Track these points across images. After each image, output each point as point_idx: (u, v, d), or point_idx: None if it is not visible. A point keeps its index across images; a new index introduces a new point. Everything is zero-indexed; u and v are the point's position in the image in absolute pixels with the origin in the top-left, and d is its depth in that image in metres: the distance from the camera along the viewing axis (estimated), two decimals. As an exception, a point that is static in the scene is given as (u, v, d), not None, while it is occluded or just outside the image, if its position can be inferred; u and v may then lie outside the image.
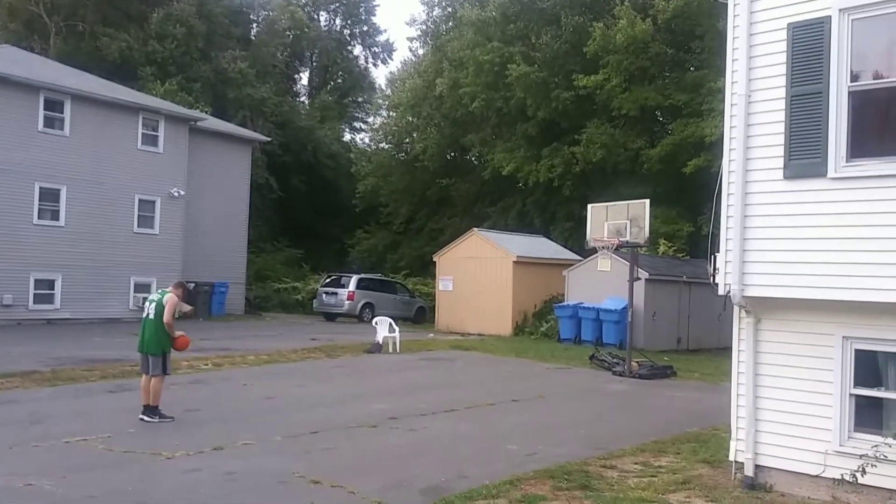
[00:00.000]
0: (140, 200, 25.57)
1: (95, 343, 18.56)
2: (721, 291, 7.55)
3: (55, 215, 23.62)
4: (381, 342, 18.82)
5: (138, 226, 25.56)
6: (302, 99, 54.93)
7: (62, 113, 23.67)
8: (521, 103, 33.40)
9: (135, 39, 39.16)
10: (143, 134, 25.70)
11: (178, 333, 10.26)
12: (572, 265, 24.56)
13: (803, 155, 7.01)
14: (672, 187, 30.49)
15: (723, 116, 7.82)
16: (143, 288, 25.16)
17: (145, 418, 9.89)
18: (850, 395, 6.94)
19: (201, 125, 28.36)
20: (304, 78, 56.67)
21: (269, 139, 36.03)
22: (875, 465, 6.23)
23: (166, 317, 10.03)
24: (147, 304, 10.32)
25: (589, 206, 18.35)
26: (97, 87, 25.92)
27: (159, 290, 10.50)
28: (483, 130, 37.37)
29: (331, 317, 29.63)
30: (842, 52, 6.77)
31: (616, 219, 17.15)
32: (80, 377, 13.17)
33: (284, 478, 7.44)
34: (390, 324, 19.39)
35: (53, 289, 23.46)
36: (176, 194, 26.32)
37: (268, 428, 9.65)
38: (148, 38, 39.56)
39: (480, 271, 26.01)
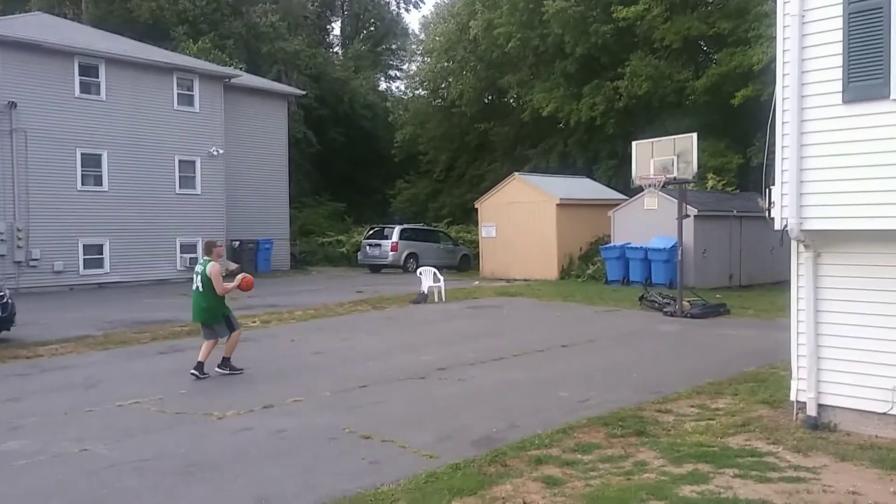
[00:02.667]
0: (180, 161, 25.68)
1: (146, 305, 18.85)
2: (777, 226, 7.18)
3: (98, 180, 23.86)
4: (426, 292, 18.75)
5: (180, 187, 25.72)
6: (335, 50, 54.40)
7: (97, 77, 23.72)
8: (559, 40, 32.46)
9: (165, -1, 38.98)
10: (178, 94, 25.68)
11: (236, 280, 10.30)
12: (618, 205, 24.07)
13: (864, 76, 6.54)
14: (719, 119, 29.52)
15: (772, 42, 7.38)
16: (189, 248, 25.48)
17: (219, 370, 10.22)
18: (920, 328, 6.59)
19: (236, 82, 28.22)
20: (337, 28, 56.10)
21: (304, 92, 35.77)
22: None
23: (218, 290, 10.10)
24: (195, 276, 10.33)
25: (633, 143, 17.79)
26: (130, 50, 25.88)
27: (201, 260, 10.47)
28: (520, 71, 36.52)
29: (376, 268, 29.68)
30: (906, -40, 6.24)
31: (662, 155, 16.61)
32: (131, 340, 13.35)
33: (335, 434, 7.39)
34: (435, 273, 19.28)
35: (102, 253, 23.84)
36: (215, 153, 26.37)
37: (317, 383, 9.64)
38: (179, -3, 39.34)
39: (523, 216, 25.66)
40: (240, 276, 10.41)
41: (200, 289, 10.19)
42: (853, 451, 6.47)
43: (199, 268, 10.32)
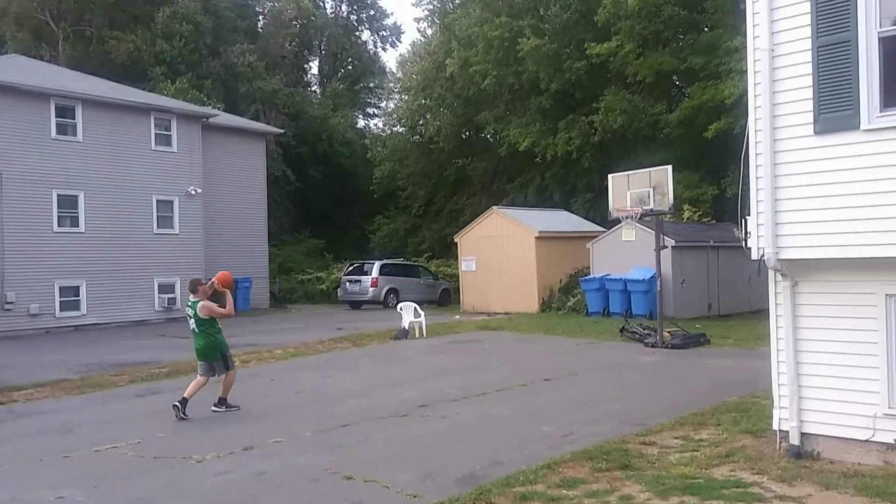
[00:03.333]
0: (158, 201, 25.57)
1: (124, 346, 18.61)
2: (754, 256, 7.25)
3: (74, 222, 23.67)
4: (407, 328, 18.68)
5: (158, 226, 25.58)
6: (313, 88, 54.72)
7: (74, 119, 23.67)
8: (534, 77, 32.91)
9: (142, 40, 39.21)
10: (156, 134, 25.66)
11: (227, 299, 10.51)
12: (596, 237, 24.21)
13: (834, 108, 6.67)
14: (693, 151, 29.94)
15: (742, 76, 7.54)
16: (167, 288, 25.27)
17: (216, 409, 10.28)
18: (898, 355, 6.64)
19: (214, 121, 28.27)
20: (314, 67, 56.50)
21: (282, 131, 35.93)
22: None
23: (227, 313, 10.33)
24: (188, 318, 10.46)
25: (609, 175, 17.95)
26: (107, 91, 25.89)
27: (189, 301, 10.49)
28: (496, 107, 36.92)
29: (356, 305, 29.55)
30: (869, -5, 6.41)
31: (638, 187, 16.76)
32: (109, 383, 13.14)
33: (316, 475, 7.29)
34: (415, 308, 19.23)
35: (79, 295, 23.56)
36: (193, 192, 26.29)
37: (298, 423, 9.52)
38: (155, 38, 39.58)
39: (503, 249, 25.74)
40: (213, 280, 10.60)
41: (197, 329, 10.26)
42: (837, 479, 6.47)
43: (189, 310, 10.37)
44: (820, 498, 6.09)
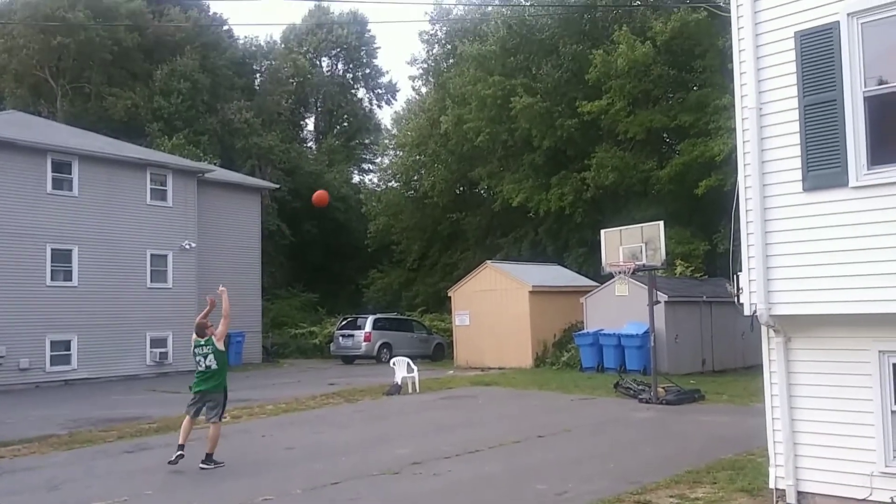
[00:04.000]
0: (152, 255, 25.56)
1: (113, 402, 18.38)
2: (747, 311, 7.27)
3: (68, 276, 23.60)
4: (399, 383, 18.53)
5: (151, 280, 25.52)
6: (309, 144, 55.29)
7: (70, 174, 23.79)
8: (527, 134, 33.36)
9: (140, 97, 39.69)
10: (151, 189, 25.79)
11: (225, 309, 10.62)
12: (590, 291, 24.25)
13: (822, 165, 6.78)
14: (684, 207, 30.21)
15: (731, 134, 7.67)
16: (159, 343, 25.11)
17: (203, 466, 10.09)
18: (893, 412, 6.62)
19: (209, 176, 28.46)
20: (311, 123, 57.14)
21: (278, 186, 36.16)
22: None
23: (226, 326, 10.50)
24: (199, 358, 10.45)
25: (602, 231, 18.07)
26: (104, 146, 26.11)
27: (201, 341, 10.47)
28: (490, 163, 37.31)
29: (349, 359, 29.36)
30: (853, 57, 6.57)
31: (630, 242, 16.87)
32: (97, 438, 12.95)
33: (307, 534, 7.15)
34: (408, 363, 19.10)
35: (70, 349, 23.35)
36: (187, 247, 26.32)
37: (288, 481, 9.37)
38: (153, 95, 40.08)
39: (497, 303, 25.72)
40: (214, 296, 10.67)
41: (213, 366, 10.35)
42: (835, 538, 6.38)
43: (202, 349, 10.38)
44: (818, 558, 5.99)
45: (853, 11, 6.59)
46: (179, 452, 10.04)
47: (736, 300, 7.45)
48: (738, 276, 7.40)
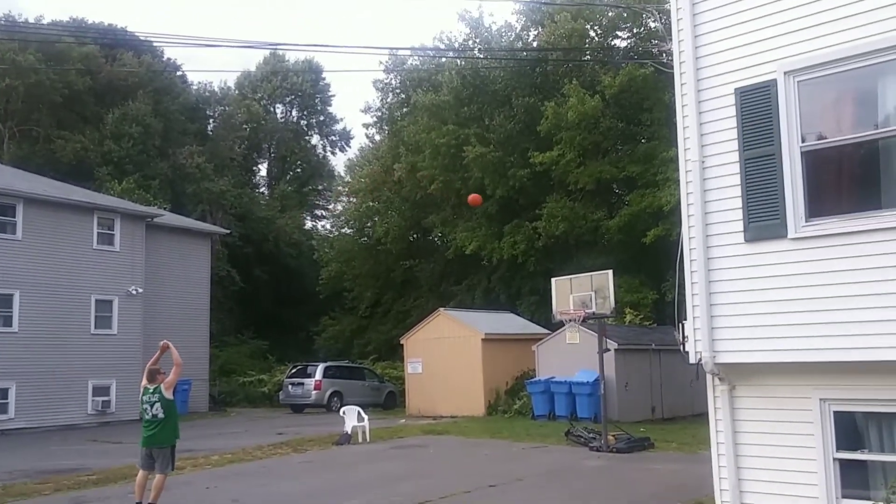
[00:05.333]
0: (97, 300, 25.01)
1: (51, 452, 17.74)
2: (692, 359, 7.37)
3: (8, 321, 22.94)
4: (349, 432, 18.25)
5: (95, 327, 24.94)
6: (261, 190, 55.10)
7: (14, 217, 23.30)
8: (479, 182, 33.73)
9: (90, 140, 39.25)
10: (98, 233, 25.35)
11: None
12: (541, 339, 24.35)
13: (762, 217, 6.97)
14: (633, 256, 30.73)
15: (678, 185, 7.79)
16: (101, 391, 24.43)
17: None
18: (834, 459, 6.73)
19: (159, 221, 28.09)
20: (263, 169, 57.09)
21: (228, 231, 35.85)
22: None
23: (177, 374, 10.33)
24: (146, 406, 10.17)
25: (553, 279, 18.24)
26: (50, 189, 25.64)
27: (150, 389, 10.23)
28: (443, 211, 37.58)
29: (298, 408, 28.86)
30: (790, 113, 6.82)
31: (580, 291, 17.05)
32: (32, 491, 12.43)
33: (250, 590, 6.93)
34: (359, 412, 18.85)
35: (7, 398, 22.58)
36: (134, 292, 25.81)
37: (232, 534, 9.11)
38: (104, 139, 39.69)
39: (449, 351, 25.64)
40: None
41: (160, 416, 10.05)
42: (781, 587, 6.41)
43: (150, 396, 10.11)
44: None
45: (789, 70, 6.86)
46: None
47: (682, 348, 7.55)
48: (683, 325, 7.51)
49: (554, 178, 32.99)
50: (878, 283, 6.28)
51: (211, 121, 52.26)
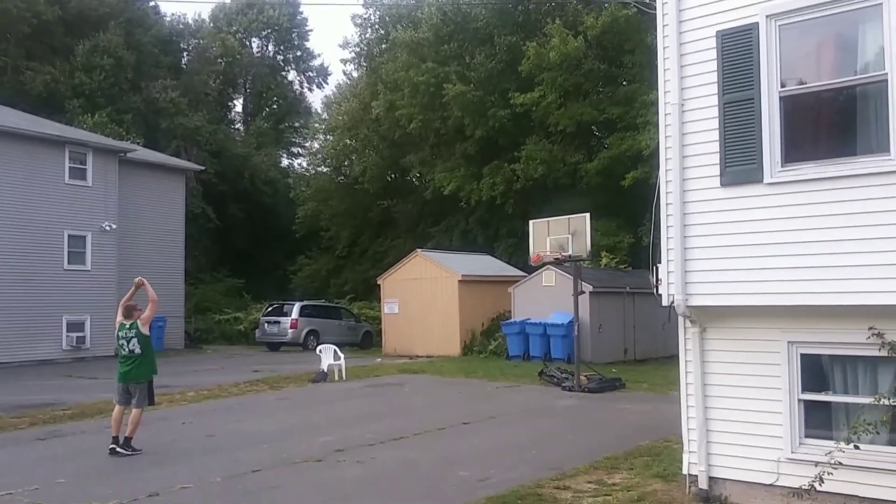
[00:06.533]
0: (70, 236, 24.72)
1: (26, 387, 17.72)
2: (665, 302, 7.45)
3: (-21, 256, 22.64)
4: (326, 370, 18.39)
5: (69, 262, 24.70)
6: (237, 126, 54.23)
7: (-17, 150, 22.77)
8: (459, 122, 33.46)
9: (60, 72, 38.17)
10: (70, 167, 24.90)
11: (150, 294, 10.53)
12: (517, 281, 24.51)
13: (739, 162, 6.97)
14: (611, 200, 30.79)
15: (657, 128, 7.75)
16: (76, 327, 24.32)
17: (121, 451, 9.84)
18: (799, 400, 6.89)
19: (132, 156, 27.62)
20: (239, 105, 56.06)
21: (203, 168, 35.33)
22: (831, 473, 6.15)
23: (153, 311, 10.36)
24: (122, 342, 10.20)
25: (530, 221, 18.29)
26: (20, 122, 25.05)
27: (126, 325, 10.22)
28: (422, 151, 37.29)
29: (274, 346, 28.99)
30: (771, 58, 6.77)
31: (558, 233, 17.12)
32: (7, 425, 12.46)
33: (225, 522, 7.05)
34: (335, 351, 18.97)
35: (-20, 333, 22.43)
36: (107, 228, 25.52)
37: (208, 469, 9.21)
38: (74, 71, 38.61)
39: (426, 292, 25.77)
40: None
41: (136, 351, 10.09)
42: (742, 522, 6.62)
43: (127, 332, 10.13)
44: (726, 541, 6.21)
45: (771, 13, 6.78)
46: (114, 445, 9.95)
47: (655, 291, 7.63)
48: (657, 268, 7.57)
49: (534, 120, 32.77)
50: (850, 229, 6.35)
51: (185, 54, 50.94)
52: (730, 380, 7.27)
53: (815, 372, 6.94)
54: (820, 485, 6.14)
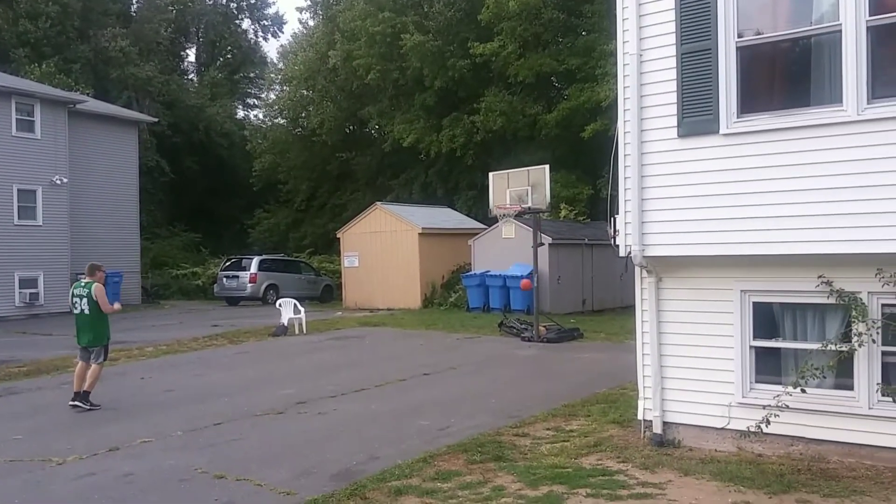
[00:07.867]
0: (19, 190, 24.07)
1: (-22, 345, 17.40)
2: (622, 253, 7.54)
3: (-76, 212, 21.96)
4: (286, 324, 18.37)
5: (19, 217, 24.09)
6: (190, 77, 52.88)
7: (-77, 100, 21.94)
8: (418, 73, 33.07)
9: (3, 19, 36.71)
10: (17, 119, 24.13)
11: (116, 306, 10.56)
12: (477, 234, 24.60)
13: (695, 112, 7.02)
14: (570, 151, 30.89)
15: (616, 79, 7.75)
16: (29, 283, 23.85)
17: (80, 405, 9.88)
18: (750, 347, 7.08)
19: (82, 108, 26.83)
20: (192, 55, 54.58)
21: (156, 120, 34.52)
22: (778, 415, 6.35)
23: (105, 308, 10.15)
24: (75, 300, 10.19)
25: (490, 174, 18.29)
26: (-38, 71, 24.13)
27: (81, 283, 10.24)
28: (380, 102, 36.86)
29: (233, 301, 28.79)
30: (728, 8, 6.78)
31: (517, 185, 17.17)
32: (-40, 384, 12.26)
33: (186, 475, 7.06)
34: (295, 305, 18.93)
35: (-72, 290, 21.89)
36: (58, 182, 24.90)
37: (168, 423, 9.19)
38: (18, 18, 37.16)
39: (386, 245, 25.74)
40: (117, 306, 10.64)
41: (86, 311, 10.07)
42: (695, 465, 6.83)
43: (81, 290, 10.13)
44: (679, 483, 6.41)
45: (730, -37, 6.78)
46: (75, 401, 9.97)
47: (612, 241, 7.72)
48: (615, 219, 7.65)
49: (493, 71, 32.54)
50: (801, 180, 6.46)
51: (134, 2, 49.31)
52: (684, 328, 7.44)
53: (767, 320, 7.12)
54: (767, 426, 6.35)
